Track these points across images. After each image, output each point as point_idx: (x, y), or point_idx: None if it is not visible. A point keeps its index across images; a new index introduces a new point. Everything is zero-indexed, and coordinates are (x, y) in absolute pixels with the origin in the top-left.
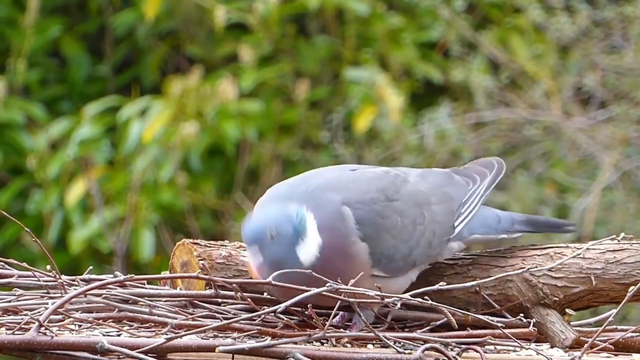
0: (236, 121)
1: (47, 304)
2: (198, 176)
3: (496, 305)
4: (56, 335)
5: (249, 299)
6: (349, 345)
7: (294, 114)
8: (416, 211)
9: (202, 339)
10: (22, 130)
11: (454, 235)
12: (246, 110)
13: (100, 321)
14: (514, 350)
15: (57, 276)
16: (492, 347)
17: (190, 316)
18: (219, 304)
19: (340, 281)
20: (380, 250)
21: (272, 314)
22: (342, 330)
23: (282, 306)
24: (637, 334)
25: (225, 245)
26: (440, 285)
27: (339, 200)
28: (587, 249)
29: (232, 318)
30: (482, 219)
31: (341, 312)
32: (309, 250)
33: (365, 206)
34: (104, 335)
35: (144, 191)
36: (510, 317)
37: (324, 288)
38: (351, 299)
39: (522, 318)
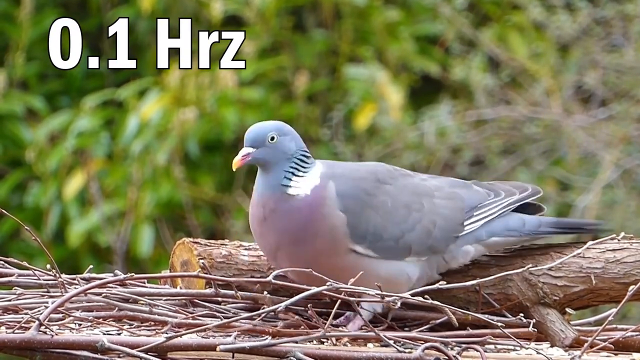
0: (235, 108)
1: (47, 302)
2: (197, 171)
3: (496, 305)
4: (56, 334)
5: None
6: (349, 344)
7: (293, 108)
8: (413, 198)
9: (202, 337)
10: (21, 123)
11: (463, 233)
12: (246, 98)
13: (101, 320)
14: (514, 350)
15: (57, 275)
16: (492, 346)
17: (190, 315)
18: (219, 302)
19: (312, 247)
20: (365, 226)
21: (272, 312)
22: (342, 329)
23: (282, 305)
24: (637, 333)
25: (225, 244)
26: (440, 284)
27: (328, 176)
28: (587, 248)
29: (232, 317)
30: (503, 221)
31: (347, 313)
32: (302, 185)
33: (350, 181)
34: (104, 334)
35: (143, 186)
36: (510, 316)
37: (324, 287)
38: (351, 298)
39: (522, 317)
